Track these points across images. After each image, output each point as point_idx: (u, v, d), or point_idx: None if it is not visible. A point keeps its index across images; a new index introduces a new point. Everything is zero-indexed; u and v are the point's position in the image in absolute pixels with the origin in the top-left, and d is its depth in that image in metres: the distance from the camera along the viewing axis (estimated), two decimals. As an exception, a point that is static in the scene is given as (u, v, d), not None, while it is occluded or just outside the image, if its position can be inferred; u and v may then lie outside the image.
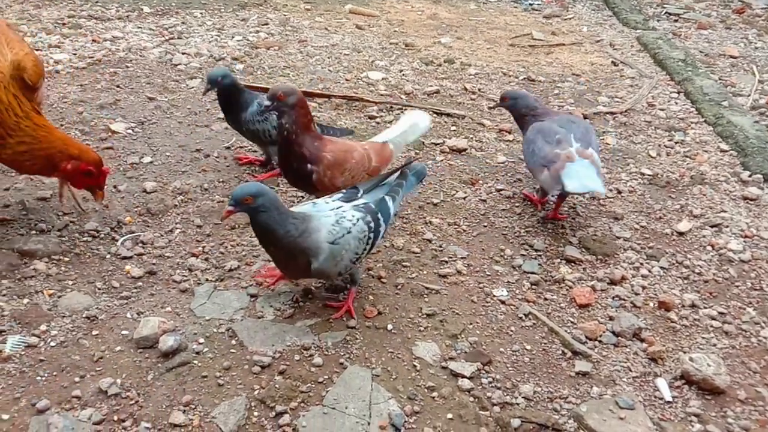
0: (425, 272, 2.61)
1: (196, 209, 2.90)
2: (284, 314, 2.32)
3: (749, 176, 3.41)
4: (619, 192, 3.25)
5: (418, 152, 3.52)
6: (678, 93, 4.46)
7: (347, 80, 4.38)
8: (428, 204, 3.07)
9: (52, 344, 2.14)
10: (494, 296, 2.50)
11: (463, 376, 2.11)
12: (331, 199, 2.31)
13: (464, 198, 3.13)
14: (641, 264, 2.73)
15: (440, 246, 2.78)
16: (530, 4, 6.49)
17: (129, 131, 3.50)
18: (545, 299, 2.51)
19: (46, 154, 2.47)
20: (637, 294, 2.55)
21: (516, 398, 2.06)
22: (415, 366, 2.14)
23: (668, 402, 2.08)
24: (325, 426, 1.89)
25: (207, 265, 2.56)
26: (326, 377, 2.06)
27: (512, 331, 2.34)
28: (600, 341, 2.31)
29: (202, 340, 2.18)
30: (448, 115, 3.94)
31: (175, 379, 2.03)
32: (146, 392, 1.98)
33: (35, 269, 2.45)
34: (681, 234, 2.94)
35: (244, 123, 3.07)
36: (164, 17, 5.31)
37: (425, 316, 2.36)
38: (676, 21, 6.07)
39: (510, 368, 2.18)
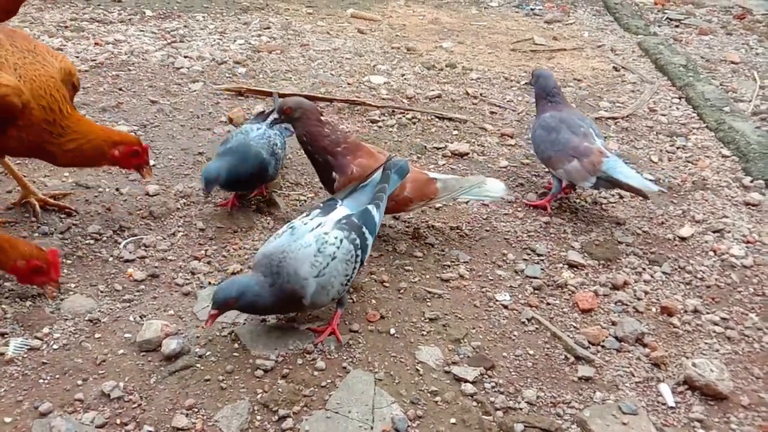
0: (428, 276, 2.61)
1: (199, 212, 2.90)
2: (287, 318, 2.32)
3: (751, 182, 3.41)
4: (621, 197, 3.25)
5: (420, 156, 3.52)
6: (679, 98, 4.47)
7: (349, 84, 4.39)
8: (430, 208, 3.07)
9: (55, 347, 2.14)
10: (497, 301, 2.50)
11: (466, 381, 2.10)
12: (310, 218, 2.22)
13: (466, 202, 3.13)
14: (643, 269, 2.73)
15: (443, 250, 2.78)
16: (531, 9, 6.51)
17: (132, 134, 3.50)
18: (548, 304, 2.51)
19: (93, 146, 2.58)
20: (640, 299, 2.55)
21: (519, 403, 2.05)
22: (418, 370, 2.14)
23: (671, 407, 2.08)
24: (329, 430, 1.89)
25: (209, 269, 2.56)
26: (329, 381, 2.06)
27: (515, 336, 2.34)
28: (603, 346, 2.31)
29: (205, 344, 2.18)
30: (450, 120, 3.95)
31: (178, 383, 2.03)
32: (149, 395, 1.98)
33: (38, 272, 2.45)
34: (683, 239, 2.94)
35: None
36: (166, 20, 5.32)
37: (428, 321, 2.36)
38: (677, 26, 6.09)
39: (513, 373, 2.17)
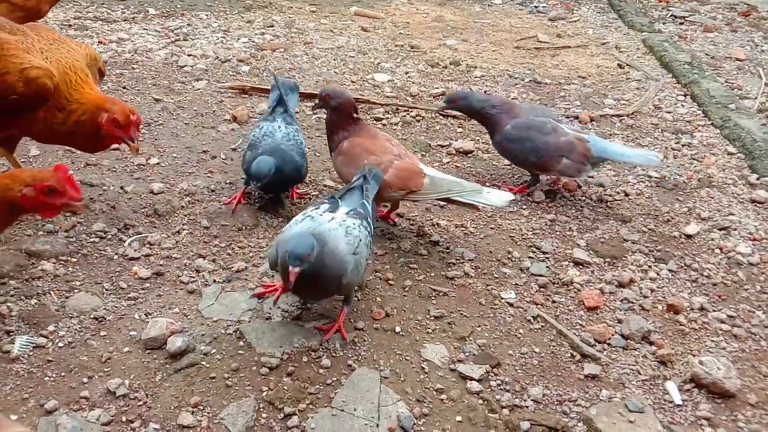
0: (433, 274, 2.60)
1: (203, 211, 2.90)
2: (292, 315, 2.32)
3: (757, 179, 3.39)
4: (627, 194, 3.24)
5: (425, 154, 3.51)
6: (684, 96, 4.45)
7: (353, 82, 4.38)
8: (435, 206, 3.06)
9: (60, 345, 2.14)
10: (502, 298, 2.49)
11: (472, 379, 2.10)
12: (319, 212, 2.24)
13: (471, 200, 3.12)
14: (649, 267, 2.72)
15: (447, 248, 2.77)
16: (535, 7, 6.49)
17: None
18: (553, 302, 2.50)
19: (89, 117, 2.52)
20: (646, 297, 2.54)
21: (525, 401, 2.05)
22: (424, 368, 2.13)
23: (678, 405, 2.07)
24: (334, 428, 1.89)
25: (214, 267, 2.56)
26: (334, 379, 2.05)
27: (520, 334, 2.33)
28: (609, 344, 2.30)
29: (210, 342, 2.17)
30: (455, 117, 3.94)
31: (183, 380, 2.02)
32: (154, 393, 1.98)
33: (43, 270, 2.45)
34: (689, 237, 2.93)
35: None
36: (170, 19, 5.32)
37: (433, 319, 2.36)
38: (682, 24, 6.06)
39: (519, 371, 2.17)
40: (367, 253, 2.23)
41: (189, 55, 4.57)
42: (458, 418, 1.96)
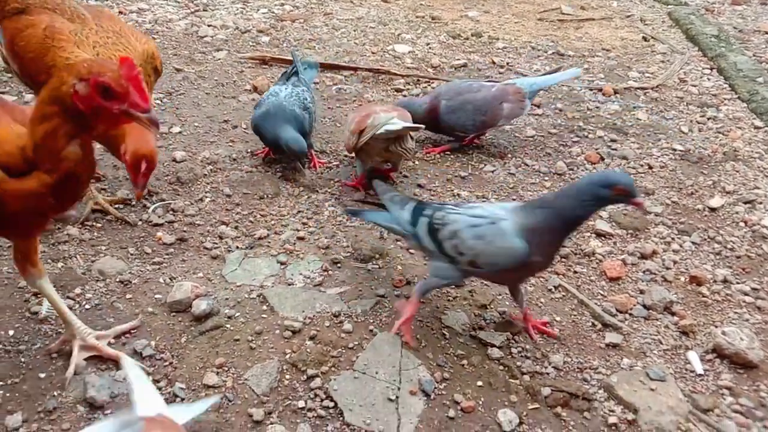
0: (453, 244, 2.60)
1: (225, 179, 2.91)
2: (314, 282, 2.34)
3: (784, 153, 3.34)
4: (650, 167, 3.20)
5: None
6: (711, 69, 4.36)
7: (373, 53, 4.35)
8: (456, 177, 3.05)
9: (87, 307, 2.18)
10: (523, 268, 2.49)
11: (493, 345, 2.11)
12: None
13: (492, 171, 3.11)
14: (672, 239, 2.70)
15: (468, 218, 2.76)
16: (558, -21, 6.35)
17: (157, 101, 3.51)
18: (575, 272, 2.50)
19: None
20: (669, 268, 2.53)
21: (546, 368, 2.05)
22: (445, 335, 2.15)
23: (699, 375, 2.07)
24: (356, 390, 1.91)
25: (237, 233, 2.58)
26: (356, 343, 2.07)
27: (542, 303, 2.33)
28: (630, 314, 2.29)
29: (234, 305, 2.20)
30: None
31: (208, 342, 2.06)
32: (180, 354, 2.01)
33: (68, 234, 2.49)
34: (713, 210, 2.90)
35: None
36: (190, -10, 5.29)
37: (454, 287, 2.36)
38: (709, -4, 5.91)
39: (539, 339, 2.17)
40: None
41: (209, 26, 4.56)
42: (479, 383, 1.97)
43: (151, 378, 1.93)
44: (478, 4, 5.51)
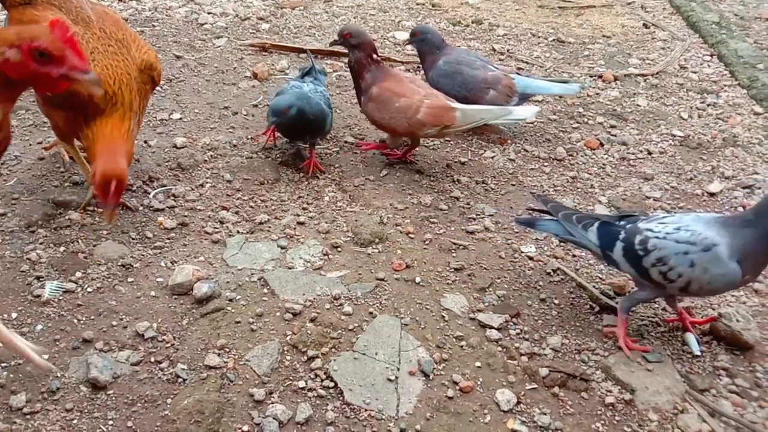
0: (453, 228, 2.62)
1: (226, 165, 2.92)
2: (314, 266, 2.35)
3: (783, 139, 3.34)
4: (650, 153, 3.21)
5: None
6: (711, 56, 4.35)
7: (374, 40, 4.33)
8: (456, 162, 3.06)
9: (89, 290, 2.20)
10: (522, 252, 2.50)
11: (491, 327, 2.13)
12: None
13: (492, 157, 3.12)
14: (671, 223, 2.71)
15: (468, 204, 2.78)
16: (559, -34, 6.33)
17: (158, 88, 3.51)
18: (573, 256, 2.51)
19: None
20: (667, 252, 2.54)
21: (544, 349, 2.07)
22: (444, 317, 2.17)
23: (696, 356, 2.08)
24: (356, 370, 1.93)
25: (237, 218, 2.59)
26: (356, 325, 2.09)
27: (540, 286, 2.35)
28: (628, 297, 2.31)
29: (235, 288, 2.22)
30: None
31: (210, 324, 2.08)
32: (182, 336, 2.04)
33: (70, 219, 2.50)
34: (712, 195, 2.91)
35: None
36: (189, -23, 5.27)
37: (453, 270, 2.38)
38: (711, -17, 5.89)
39: (538, 321, 2.19)
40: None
41: (209, 13, 4.55)
42: (477, 364, 2.00)
43: (153, 359, 1.95)
44: (479, -8, 5.49)
